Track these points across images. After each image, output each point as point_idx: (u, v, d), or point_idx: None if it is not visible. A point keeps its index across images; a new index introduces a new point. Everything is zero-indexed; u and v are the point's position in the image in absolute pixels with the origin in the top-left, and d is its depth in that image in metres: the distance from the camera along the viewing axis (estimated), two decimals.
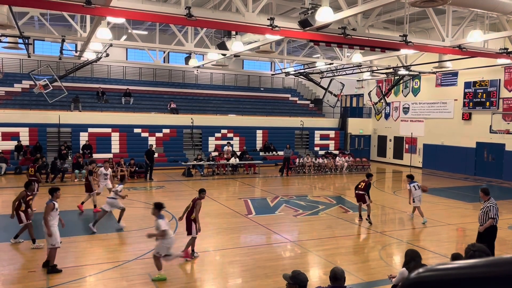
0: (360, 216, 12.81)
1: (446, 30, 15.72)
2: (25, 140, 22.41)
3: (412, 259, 5.57)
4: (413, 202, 12.82)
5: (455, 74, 24.64)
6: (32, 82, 22.31)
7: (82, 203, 13.54)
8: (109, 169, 14.53)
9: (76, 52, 22.71)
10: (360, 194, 12.60)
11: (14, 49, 19.88)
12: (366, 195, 12.49)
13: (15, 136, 22.26)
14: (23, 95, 25.31)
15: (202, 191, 9.34)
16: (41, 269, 8.25)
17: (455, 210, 14.85)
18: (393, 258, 9.76)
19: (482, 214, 8.67)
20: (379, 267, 8.87)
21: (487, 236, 8.57)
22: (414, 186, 12.85)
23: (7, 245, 9.93)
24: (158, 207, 7.89)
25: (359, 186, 12.71)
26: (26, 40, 17.19)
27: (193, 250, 9.14)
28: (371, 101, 28.19)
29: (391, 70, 24.02)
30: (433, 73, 24.59)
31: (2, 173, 20.49)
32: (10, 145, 22.03)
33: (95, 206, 13.43)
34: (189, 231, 9.10)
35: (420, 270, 1.18)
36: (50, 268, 8.08)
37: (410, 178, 13.05)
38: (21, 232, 9.99)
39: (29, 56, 21.33)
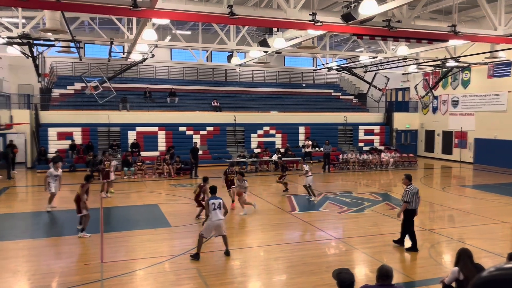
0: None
1: (499, 18, 14.95)
2: (78, 139, 23.56)
3: (464, 258, 5.39)
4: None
5: (508, 64, 23.35)
6: (83, 84, 23.35)
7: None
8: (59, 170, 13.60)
9: (123, 54, 23.56)
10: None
11: (67, 53, 20.94)
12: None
13: (69, 136, 23.46)
14: (76, 96, 26.58)
15: (206, 179, 11.85)
16: (96, 262, 8.67)
17: (510, 208, 14.12)
18: (443, 257, 9.45)
19: (402, 199, 9.61)
20: (428, 266, 8.62)
21: (405, 219, 9.55)
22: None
23: (64, 238, 10.52)
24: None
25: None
26: (78, 44, 18.01)
27: None
28: (417, 94, 27.28)
29: (439, 62, 23.11)
30: (485, 64, 23.44)
31: None
32: (65, 144, 23.24)
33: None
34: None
35: (491, 269, 1.17)
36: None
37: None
38: (85, 224, 10.49)
39: (80, 59, 22.32)
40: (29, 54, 17.23)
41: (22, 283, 7.71)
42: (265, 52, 21.02)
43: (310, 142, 26.10)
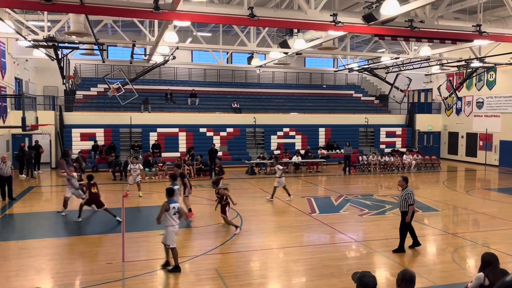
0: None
1: None
2: (100, 140, 23.99)
3: (489, 263, 5.24)
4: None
5: None
6: (106, 86, 23.79)
7: None
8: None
9: (145, 56, 23.88)
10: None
11: (90, 55, 21.36)
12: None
13: (92, 137, 23.91)
14: (99, 98, 27.07)
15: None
16: (117, 261, 8.79)
17: None
18: (467, 261, 9.24)
19: (402, 201, 9.47)
20: (451, 270, 8.44)
21: (403, 221, 9.53)
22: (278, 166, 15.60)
23: (87, 238, 10.72)
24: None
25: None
26: (101, 47, 18.34)
27: None
28: (440, 96, 26.77)
29: (463, 62, 22.63)
30: (511, 64, 22.83)
31: None
32: (88, 145, 23.70)
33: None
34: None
35: None
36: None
37: (276, 159, 16.85)
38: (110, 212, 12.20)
39: (103, 61, 22.72)
40: (54, 57, 17.63)
41: (46, 281, 7.88)
42: (285, 53, 20.98)
43: (324, 151, 26.31)
